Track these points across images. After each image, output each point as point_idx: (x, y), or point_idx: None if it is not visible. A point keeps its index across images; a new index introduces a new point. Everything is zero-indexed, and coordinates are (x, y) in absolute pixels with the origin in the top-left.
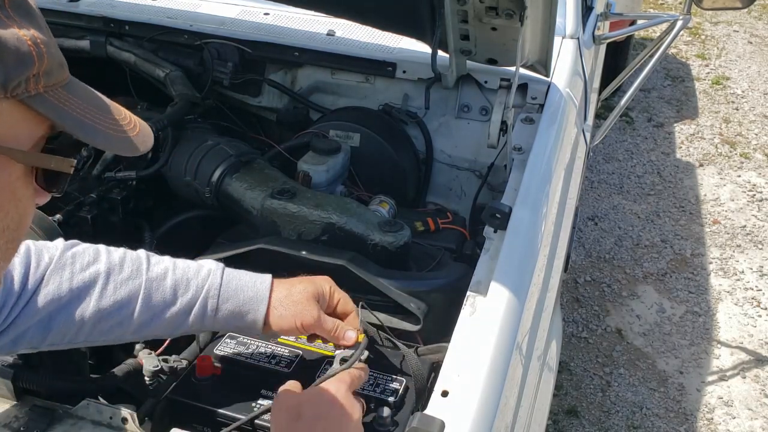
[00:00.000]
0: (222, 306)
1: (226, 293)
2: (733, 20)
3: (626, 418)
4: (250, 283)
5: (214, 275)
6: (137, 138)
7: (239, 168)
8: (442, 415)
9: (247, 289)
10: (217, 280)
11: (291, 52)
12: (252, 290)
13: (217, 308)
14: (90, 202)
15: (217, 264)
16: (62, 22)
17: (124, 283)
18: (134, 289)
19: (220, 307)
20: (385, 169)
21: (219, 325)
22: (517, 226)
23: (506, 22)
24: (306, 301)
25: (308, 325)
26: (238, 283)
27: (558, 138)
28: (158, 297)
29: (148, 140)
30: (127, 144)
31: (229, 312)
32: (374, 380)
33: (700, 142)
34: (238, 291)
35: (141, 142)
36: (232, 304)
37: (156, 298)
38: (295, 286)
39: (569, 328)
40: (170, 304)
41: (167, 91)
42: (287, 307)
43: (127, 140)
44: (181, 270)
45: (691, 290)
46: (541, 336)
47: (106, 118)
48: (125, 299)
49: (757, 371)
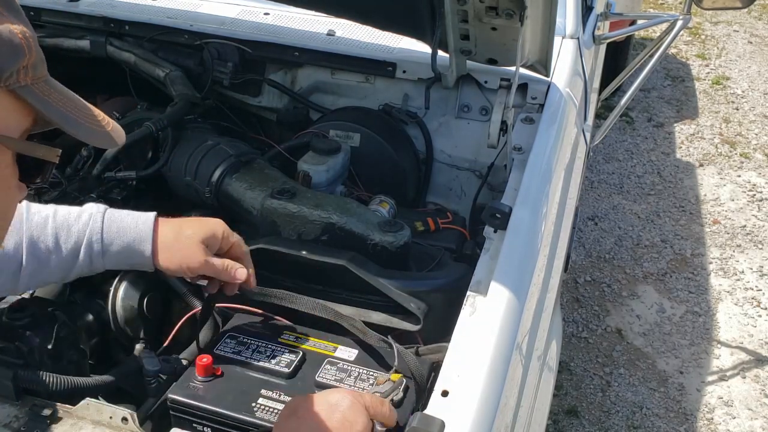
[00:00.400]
0: (107, 249)
1: (109, 236)
2: (733, 20)
3: (626, 418)
4: (132, 224)
5: (94, 220)
6: (113, 132)
7: (239, 168)
8: (442, 415)
9: (130, 230)
10: (98, 224)
11: (291, 52)
12: (134, 231)
13: (103, 252)
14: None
15: (98, 207)
16: (62, 22)
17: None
18: (17, 240)
19: (106, 251)
20: (385, 169)
21: (111, 266)
22: (517, 226)
23: (506, 22)
24: (194, 245)
25: (195, 268)
26: (120, 225)
27: (558, 138)
28: (41, 245)
29: (121, 135)
30: (106, 137)
31: (116, 253)
32: (374, 380)
33: (700, 142)
34: (121, 233)
35: (117, 136)
36: (117, 246)
37: (39, 246)
38: (184, 229)
39: (569, 328)
40: (53, 251)
41: (167, 91)
42: (174, 251)
43: (106, 134)
44: (62, 216)
45: (691, 290)
46: (541, 336)
47: (85, 113)
48: (11, 251)
49: (757, 371)
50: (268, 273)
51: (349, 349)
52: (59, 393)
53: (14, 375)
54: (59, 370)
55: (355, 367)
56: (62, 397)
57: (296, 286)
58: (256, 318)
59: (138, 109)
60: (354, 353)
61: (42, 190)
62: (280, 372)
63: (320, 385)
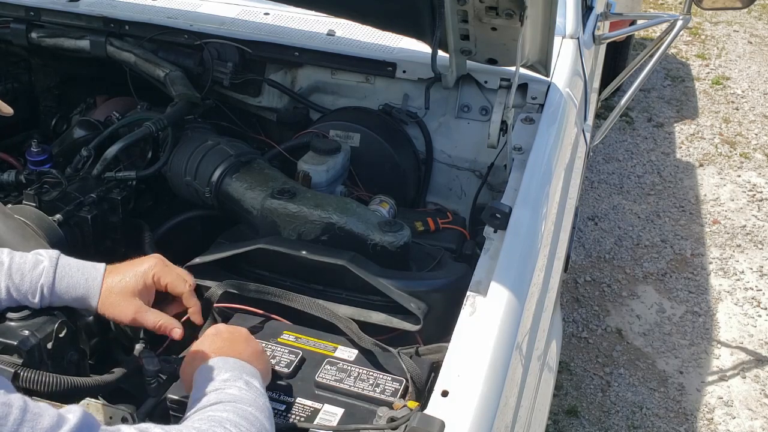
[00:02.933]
0: (54, 300)
1: (59, 290)
2: (733, 20)
3: (626, 418)
4: (82, 281)
5: (47, 275)
6: None
7: (239, 168)
8: (442, 415)
9: (79, 287)
10: (49, 279)
11: (291, 52)
12: (84, 288)
13: (51, 302)
14: (90, 202)
15: (51, 259)
16: (62, 22)
17: None
18: None
19: (53, 301)
20: (385, 169)
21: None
22: (517, 226)
23: (506, 22)
24: (124, 302)
25: (127, 323)
26: (69, 281)
27: (558, 138)
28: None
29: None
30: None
31: (63, 303)
32: (374, 380)
33: (700, 142)
34: (70, 289)
35: None
36: (65, 300)
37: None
38: (116, 282)
39: (569, 328)
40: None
41: (167, 91)
42: (108, 306)
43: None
44: (17, 265)
45: (691, 290)
46: (541, 336)
47: None
48: None
49: (757, 371)
50: (268, 273)
51: (349, 349)
52: (59, 393)
53: (14, 375)
54: (59, 370)
55: (354, 367)
56: (62, 397)
57: (296, 286)
58: (256, 318)
59: (138, 109)
60: (354, 353)
61: (42, 189)
62: (280, 372)
63: (320, 385)
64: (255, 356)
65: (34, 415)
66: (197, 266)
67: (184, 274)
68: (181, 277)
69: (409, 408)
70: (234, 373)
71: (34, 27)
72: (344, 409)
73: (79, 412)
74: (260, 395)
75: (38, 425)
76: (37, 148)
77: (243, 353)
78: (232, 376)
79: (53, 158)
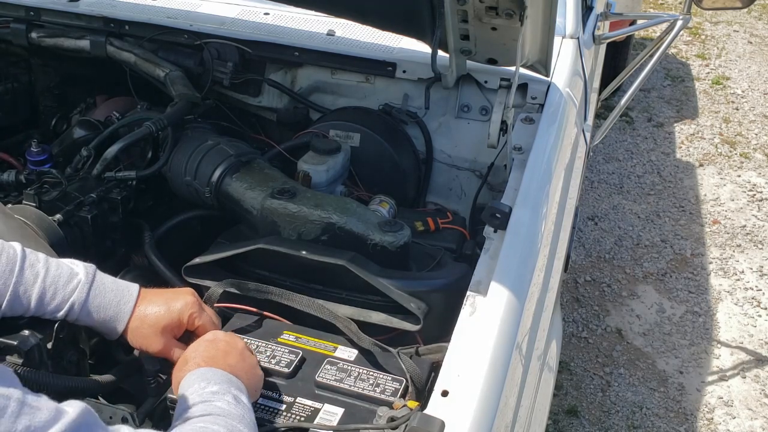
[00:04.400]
0: (84, 318)
1: (90, 307)
2: (733, 20)
3: (626, 418)
4: (114, 301)
5: (80, 291)
6: None
7: (239, 168)
8: (442, 415)
9: (111, 307)
10: (82, 296)
11: (291, 52)
12: (114, 309)
13: (78, 320)
14: (90, 202)
15: (86, 275)
16: (62, 22)
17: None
18: (1, 288)
19: (82, 320)
20: (385, 169)
21: (78, 324)
22: (517, 226)
23: (506, 22)
24: (155, 332)
25: (156, 353)
26: (102, 300)
27: (558, 138)
28: (23, 301)
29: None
30: None
31: (88, 321)
32: (374, 380)
33: (700, 142)
34: (101, 309)
35: None
36: (94, 318)
37: (22, 301)
38: (149, 312)
39: (569, 328)
40: (33, 308)
41: (167, 91)
42: (137, 334)
43: None
44: (52, 278)
45: (691, 290)
46: (541, 336)
47: None
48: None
49: (757, 371)
50: (268, 273)
51: (349, 349)
52: (59, 393)
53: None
54: (59, 370)
55: (355, 367)
56: (62, 397)
57: (296, 286)
58: (257, 318)
59: (138, 109)
60: (354, 353)
61: (42, 189)
62: (280, 372)
63: (320, 385)
64: (247, 371)
65: (32, 408)
66: (197, 266)
67: (213, 316)
68: (212, 321)
69: (409, 408)
70: (222, 387)
71: (34, 27)
72: (344, 409)
73: (79, 408)
74: (248, 411)
75: (36, 418)
76: (37, 148)
77: (235, 367)
78: (220, 389)
79: (53, 158)
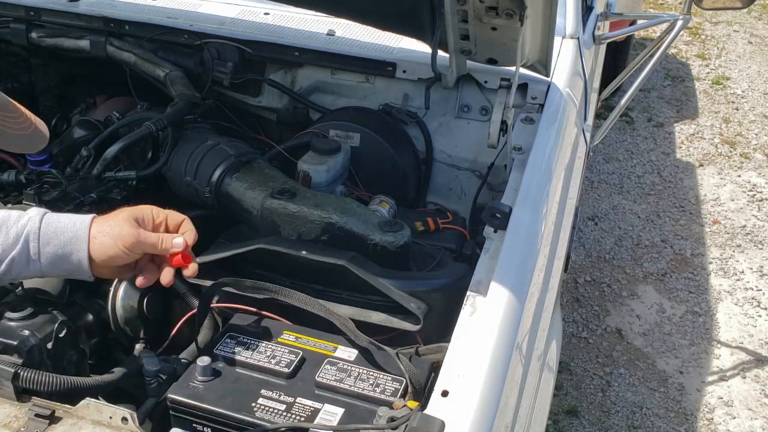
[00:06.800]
0: (43, 250)
1: (46, 236)
2: (733, 20)
3: (626, 418)
4: (70, 224)
5: (32, 221)
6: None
7: (239, 168)
8: (442, 415)
9: (66, 230)
10: (35, 224)
11: (291, 52)
12: (72, 231)
13: (39, 252)
14: (90, 202)
15: (38, 210)
16: (62, 22)
17: None
18: None
19: (42, 251)
20: (385, 169)
21: (47, 270)
22: (517, 226)
23: (506, 22)
24: (125, 223)
25: (130, 245)
26: (57, 225)
27: (558, 138)
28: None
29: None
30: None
31: (52, 255)
32: (374, 380)
33: (700, 142)
34: (58, 233)
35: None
36: (54, 246)
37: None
38: (112, 217)
39: (569, 328)
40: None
41: (167, 91)
42: (106, 235)
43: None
44: (1, 218)
45: (691, 290)
46: (541, 336)
47: None
48: None
49: (757, 371)
50: (268, 273)
51: (349, 349)
52: (59, 393)
53: (14, 375)
54: (59, 370)
55: (355, 367)
56: (62, 397)
57: (296, 286)
58: (256, 318)
59: (138, 109)
60: (354, 353)
61: (42, 189)
62: (280, 372)
63: (320, 385)
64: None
65: None
66: None
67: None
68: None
69: (409, 408)
70: None
71: (34, 27)
72: (344, 409)
73: None
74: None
75: None
76: None
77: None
78: None
79: (53, 158)
